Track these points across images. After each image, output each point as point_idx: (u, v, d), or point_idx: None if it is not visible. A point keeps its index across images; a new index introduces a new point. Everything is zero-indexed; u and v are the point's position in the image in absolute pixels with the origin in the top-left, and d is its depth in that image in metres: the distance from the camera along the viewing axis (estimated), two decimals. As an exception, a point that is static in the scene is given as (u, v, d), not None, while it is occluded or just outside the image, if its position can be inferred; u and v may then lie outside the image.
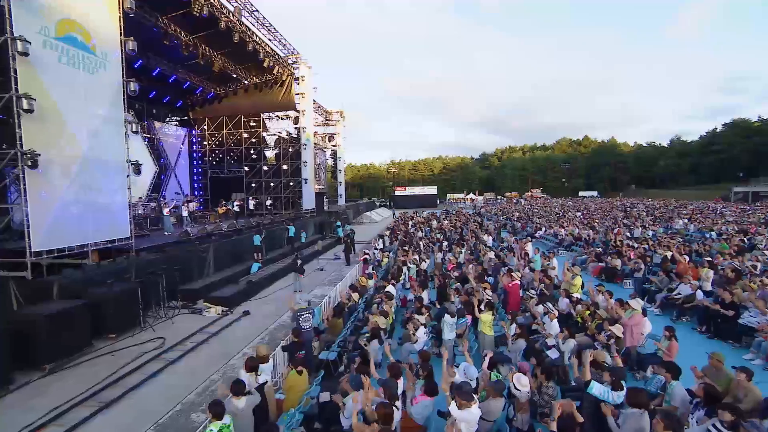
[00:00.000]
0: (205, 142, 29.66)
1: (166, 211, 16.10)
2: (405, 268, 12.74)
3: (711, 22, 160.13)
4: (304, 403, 5.40)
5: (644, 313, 7.02)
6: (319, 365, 7.11)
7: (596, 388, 4.31)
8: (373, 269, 12.17)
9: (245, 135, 28.79)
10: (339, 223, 23.16)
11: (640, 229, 18.84)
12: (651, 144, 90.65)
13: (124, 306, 9.47)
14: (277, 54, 24.27)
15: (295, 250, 20.04)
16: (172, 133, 27.58)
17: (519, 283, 9.54)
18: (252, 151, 29.00)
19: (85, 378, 7.24)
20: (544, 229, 23.96)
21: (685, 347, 6.44)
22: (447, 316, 7.09)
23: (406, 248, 16.03)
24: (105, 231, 11.20)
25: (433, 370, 5.29)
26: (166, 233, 15.98)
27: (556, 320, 7.26)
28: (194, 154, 29.65)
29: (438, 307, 9.00)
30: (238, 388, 4.28)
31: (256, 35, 21.41)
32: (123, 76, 12.01)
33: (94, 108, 10.91)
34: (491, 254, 13.50)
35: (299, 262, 13.05)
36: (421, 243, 16.95)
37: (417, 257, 13.73)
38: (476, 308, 7.53)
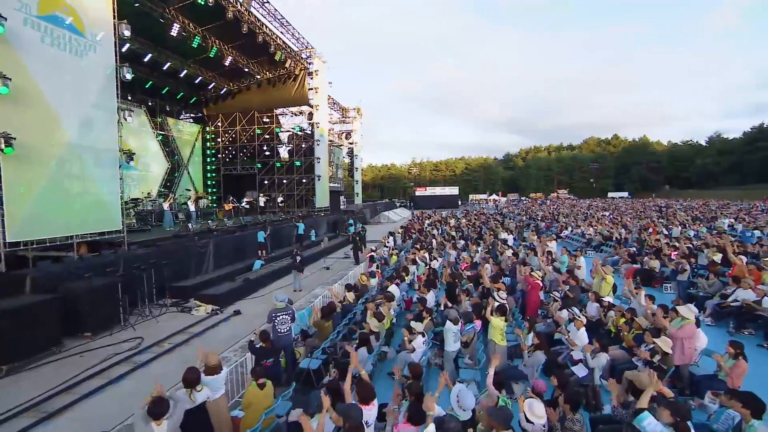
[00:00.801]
0: (219, 139, 29.34)
1: (166, 205, 15.51)
2: (414, 267, 11.60)
3: (752, 12, 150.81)
4: (264, 424, 4.37)
5: (698, 323, 5.64)
6: (299, 376, 6.09)
7: (650, 425, 3.08)
8: (377, 267, 11.08)
9: (258, 131, 28.27)
10: (352, 221, 22.17)
11: (680, 227, 16.97)
12: (687, 142, 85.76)
13: (103, 302, 8.73)
14: (290, 47, 23.59)
15: (303, 248, 19.22)
16: (185, 129, 27.34)
17: (540, 283, 8.24)
18: (265, 148, 28.48)
19: (42, 382, 6.46)
20: (570, 228, 22.27)
21: (751, 368, 5.05)
22: (449, 323, 5.93)
23: (418, 246, 14.87)
24: (93, 223, 10.56)
25: (428, 389, 4.17)
26: (167, 229, 15.40)
27: (584, 329, 5.97)
28: (207, 151, 29.35)
29: (444, 309, 7.83)
30: (156, 408, 3.27)
31: (266, 27, 20.76)
32: (116, 61, 11.39)
33: (82, 93, 10.29)
34: (510, 252, 12.15)
35: (298, 259, 12.10)
36: (434, 241, 15.72)
37: (427, 255, 12.53)
38: (488, 311, 6.32)
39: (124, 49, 18.83)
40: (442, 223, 26.17)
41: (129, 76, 11.63)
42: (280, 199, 26.61)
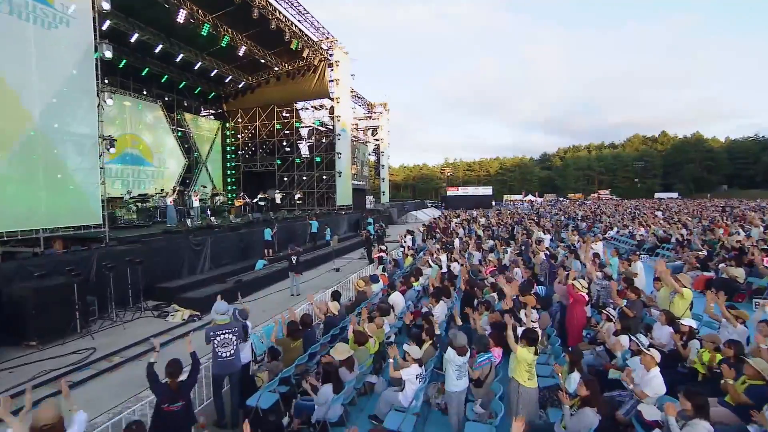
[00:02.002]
0: (239, 135, 28.60)
1: (169, 200, 14.47)
2: (429, 271, 9.76)
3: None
4: None
5: None
6: (246, 416, 4.48)
7: None
8: (383, 270, 9.31)
9: (278, 126, 27.24)
10: (371, 219, 20.50)
11: (761, 228, 14.00)
12: (750, 138, 77.82)
13: (54, 306, 7.49)
14: (307, 36, 22.31)
15: (314, 247, 17.77)
16: (204, 125, 26.74)
17: (585, 296, 6.18)
18: (285, 143, 27.41)
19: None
20: (616, 228, 19.55)
21: None
22: (451, 352, 4.10)
23: (438, 246, 12.94)
24: (66, 216, 9.49)
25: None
26: (168, 225, 14.37)
27: (657, 369, 3.95)
28: (227, 148, 28.68)
29: (456, 327, 5.97)
30: None
31: (280, 13, 19.53)
32: (95, 38, 10.30)
33: (50, 71, 9.21)
34: (545, 254, 9.99)
35: (294, 259, 10.54)
36: (456, 241, 13.70)
37: (446, 256, 10.62)
38: (508, 335, 4.41)
39: (133, 39, 18.29)
40: (471, 221, 23.99)
41: (108, 54, 10.50)
42: (297, 195, 25.35)
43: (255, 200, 20.20)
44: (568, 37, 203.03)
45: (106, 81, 17.90)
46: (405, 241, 14.24)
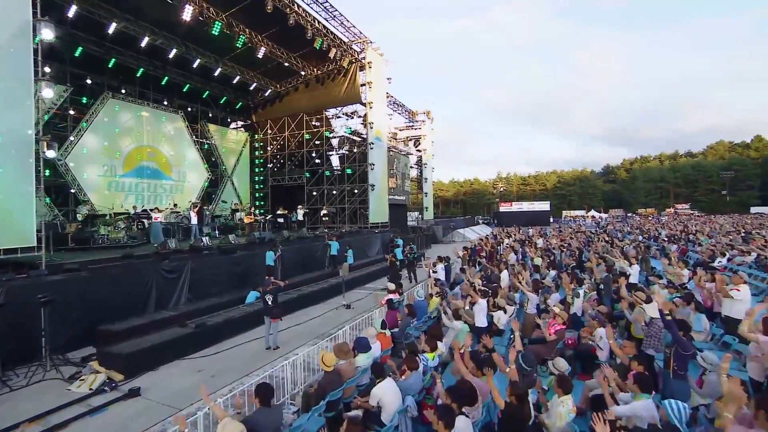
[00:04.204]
0: (268, 147, 26.88)
1: (155, 217, 12.33)
2: (457, 324, 6.37)
3: None
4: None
5: None
6: None
7: None
8: (383, 328, 6.00)
9: (307, 136, 25.12)
10: (399, 241, 17.29)
11: None
12: None
13: None
14: (333, 34, 20.04)
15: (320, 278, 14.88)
16: (230, 137, 25.26)
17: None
18: (314, 155, 25.19)
19: None
20: (727, 255, 14.67)
21: None
22: None
23: (478, 281, 9.32)
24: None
25: None
26: (155, 245, 12.23)
27: None
28: (256, 161, 27.04)
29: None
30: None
31: (299, 6, 17.37)
32: (37, 13, 8.32)
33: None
34: (652, 307, 6.04)
35: (270, 299, 7.62)
36: (505, 275, 9.92)
37: (486, 303, 7.14)
38: None
39: (143, 43, 16.96)
40: (525, 243, 19.92)
41: (50, 35, 8.41)
42: (324, 211, 22.80)
43: (268, 216, 17.80)
44: (626, 40, 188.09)
45: (47, 69, 16.64)
46: (434, 273, 10.79)
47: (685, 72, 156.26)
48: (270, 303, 7.63)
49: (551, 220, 57.83)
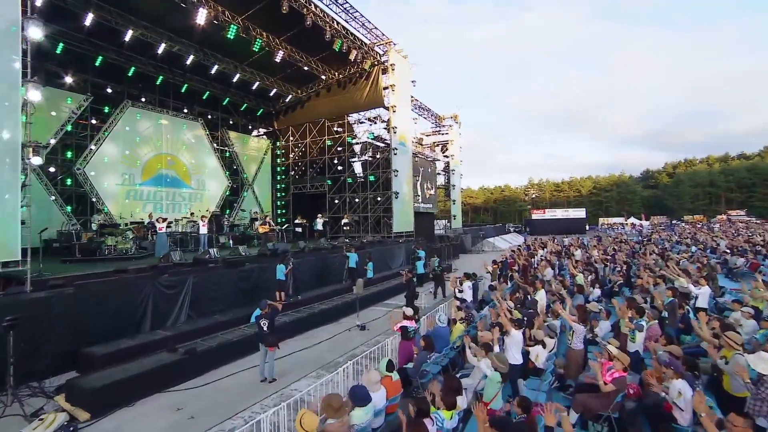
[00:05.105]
0: (290, 154, 26.32)
1: (159, 227, 11.68)
2: (482, 363, 5.06)
3: None
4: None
5: None
6: None
7: None
8: (388, 368, 4.75)
9: (329, 142, 24.37)
10: (422, 252, 15.97)
11: None
12: None
13: None
14: (353, 35, 19.20)
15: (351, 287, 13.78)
16: (251, 144, 24.87)
17: None
18: (336, 161, 24.37)
19: None
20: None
21: None
22: None
23: (511, 305, 7.84)
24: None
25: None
26: (158, 256, 11.59)
27: None
28: (278, 168, 26.53)
29: None
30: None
31: (315, 6, 16.63)
32: (26, 11, 7.78)
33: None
34: (763, 357, 4.40)
35: (264, 324, 6.57)
36: (542, 295, 8.41)
37: (521, 334, 5.79)
38: None
39: (160, 50, 16.65)
40: (563, 255, 18.14)
41: (38, 33, 7.81)
42: (344, 220, 21.83)
43: (284, 226, 16.97)
44: (668, 39, 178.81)
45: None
46: (460, 292, 9.42)
47: (733, 70, 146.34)
48: (265, 329, 6.59)
49: (587, 227, 54.71)
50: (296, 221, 19.11)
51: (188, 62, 17.74)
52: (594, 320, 7.11)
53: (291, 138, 26.18)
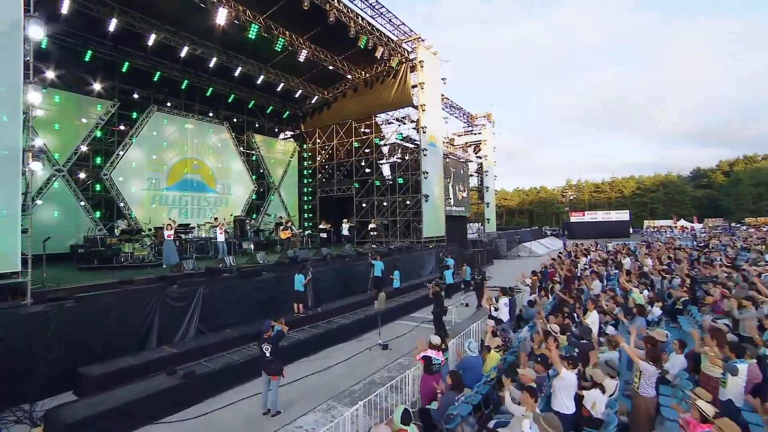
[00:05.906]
0: (317, 157, 25.80)
1: (167, 234, 11.20)
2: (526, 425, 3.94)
3: None
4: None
5: None
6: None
7: None
8: (404, 423, 3.70)
9: (356, 144, 23.61)
10: (451, 260, 14.74)
11: None
12: None
13: None
14: (379, 31, 18.33)
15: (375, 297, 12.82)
16: (277, 147, 24.52)
17: None
18: (363, 163, 23.56)
19: None
20: None
21: None
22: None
23: (556, 331, 6.56)
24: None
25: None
26: (163, 266, 11.12)
27: None
28: (304, 171, 26.07)
29: None
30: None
31: (339, 1, 15.87)
32: (29, 10, 7.38)
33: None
34: None
35: (267, 350, 5.71)
36: (594, 317, 7.09)
37: (573, 374, 4.63)
38: None
39: (183, 53, 16.45)
40: (609, 263, 16.38)
41: (39, 32, 7.38)
42: (372, 226, 20.94)
43: (306, 232, 16.27)
44: (720, 26, 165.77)
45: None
46: (495, 310, 8.20)
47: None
48: (268, 354, 5.72)
49: (631, 230, 51.15)
50: (321, 226, 18.39)
51: (212, 65, 17.48)
52: (663, 352, 5.77)
53: (318, 140, 25.66)
